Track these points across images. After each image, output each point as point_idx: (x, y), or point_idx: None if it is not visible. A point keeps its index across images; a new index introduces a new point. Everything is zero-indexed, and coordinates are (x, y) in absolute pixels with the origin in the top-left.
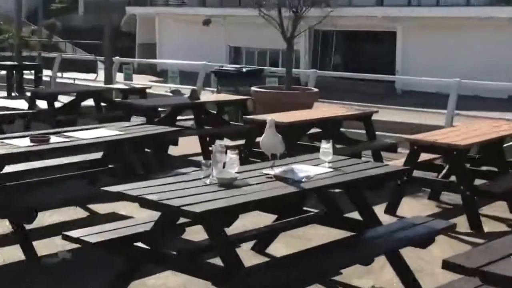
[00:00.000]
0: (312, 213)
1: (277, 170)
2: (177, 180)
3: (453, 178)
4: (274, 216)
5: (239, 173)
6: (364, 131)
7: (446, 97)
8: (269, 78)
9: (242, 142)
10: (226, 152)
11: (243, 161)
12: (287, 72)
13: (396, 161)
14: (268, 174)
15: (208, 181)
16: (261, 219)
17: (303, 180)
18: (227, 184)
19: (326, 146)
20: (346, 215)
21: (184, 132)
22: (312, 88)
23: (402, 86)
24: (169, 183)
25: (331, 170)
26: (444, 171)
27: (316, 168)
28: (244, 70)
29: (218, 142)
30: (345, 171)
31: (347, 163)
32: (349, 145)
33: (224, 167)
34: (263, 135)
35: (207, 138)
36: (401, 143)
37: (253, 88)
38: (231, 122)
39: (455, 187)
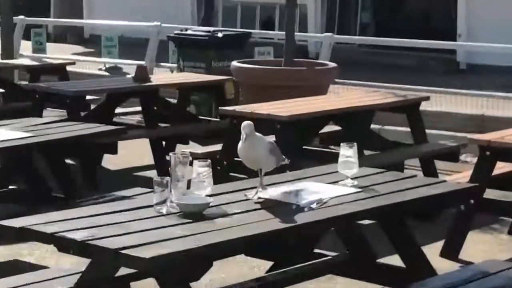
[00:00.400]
0: (328, 257)
1: (272, 192)
2: (115, 209)
3: None
4: (269, 263)
5: (213, 196)
6: (407, 129)
7: None
8: (260, 48)
9: (217, 148)
10: (191, 164)
11: (219, 177)
12: (287, 37)
13: (458, 175)
14: (258, 198)
15: (164, 210)
16: (249, 269)
17: (312, 206)
18: (195, 214)
19: (348, 153)
20: (381, 260)
21: (126, 133)
22: (327, 63)
23: (467, 58)
24: (103, 213)
25: (356, 190)
26: None
27: (333, 188)
28: (220, 35)
29: (180, 149)
30: (378, 192)
31: (381, 179)
32: (384, 151)
33: (189, 187)
34: (240, 143)
35: (163, 143)
36: (465, 146)
37: (234, 64)
38: (200, 117)
39: None
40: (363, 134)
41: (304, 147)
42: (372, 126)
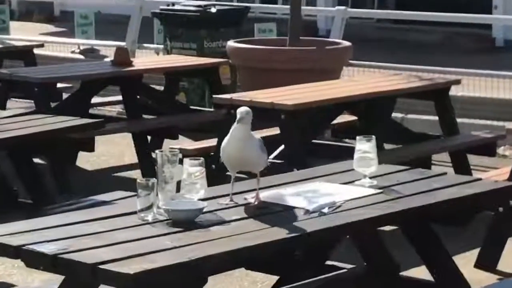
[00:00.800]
0: (343, 270)
1: (276, 195)
2: (93, 216)
3: None
4: (273, 278)
5: (207, 200)
6: (435, 118)
7: None
8: (261, 25)
9: (211, 143)
10: (181, 163)
11: (214, 177)
12: (293, 12)
13: (495, 172)
14: (259, 202)
15: (150, 217)
16: (251, 284)
17: (324, 211)
18: (186, 222)
19: (365, 148)
20: (405, 273)
21: (105, 126)
22: (339, 41)
23: (505, 34)
24: (78, 222)
25: (375, 191)
26: None
27: (348, 189)
28: (213, 10)
29: (168, 145)
30: (401, 193)
31: (405, 178)
32: (408, 144)
33: (178, 190)
34: (226, 137)
35: (148, 137)
36: (503, 138)
37: (231, 44)
38: (191, 107)
39: None
40: (383, 124)
41: (313, 141)
42: (394, 115)
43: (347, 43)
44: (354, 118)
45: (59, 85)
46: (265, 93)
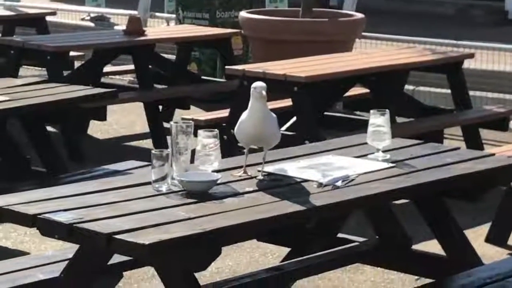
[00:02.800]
0: (355, 243)
1: (289, 167)
2: (107, 186)
3: None
4: (285, 250)
5: (221, 171)
6: (446, 91)
7: None
8: None
9: (224, 113)
10: (195, 134)
11: (226, 148)
12: None
13: (507, 147)
14: (272, 174)
15: (164, 188)
16: (261, 256)
17: (337, 184)
18: (200, 193)
19: (379, 122)
20: (416, 246)
21: (117, 96)
22: (352, 13)
23: None
24: (93, 192)
25: (388, 165)
26: None
27: (361, 163)
28: None
29: (180, 114)
30: (414, 167)
31: (417, 152)
32: (420, 118)
33: (192, 161)
34: (244, 113)
35: (160, 107)
36: None
37: (243, 14)
38: (203, 78)
39: None
40: (395, 98)
41: (325, 113)
42: (405, 87)
43: (360, 15)
44: (366, 90)
45: (71, 53)
46: (277, 65)
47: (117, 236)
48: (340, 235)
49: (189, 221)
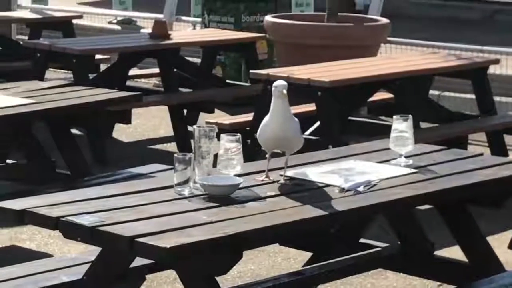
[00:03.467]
0: (377, 249)
1: (311, 172)
2: (130, 189)
3: None
4: (307, 254)
5: (243, 175)
6: (470, 96)
7: None
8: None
9: (248, 117)
10: (218, 138)
11: (249, 152)
12: None
13: None
14: (294, 179)
15: (186, 191)
16: (283, 260)
17: (359, 189)
18: (222, 197)
19: (401, 127)
20: (439, 252)
21: (142, 99)
22: (378, 18)
23: None
24: (116, 195)
25: (411, 171)
26: None
27: (384, 168)
28: None
29: (204, 118)
30: (437, 173)
31: (441, 158)
32: (444, 124)
33: (215, 165)
34: (266, 117)
35: (184, 111)
36: None
37: (268, 18)
38: (228, 81)
39: None
40: (419, 103)
41: (349, 118)
42: (430, 92)
43: (385, 20)
44: (390, 95)
45: (96, 56)
46: (301, 69)
47: (139, 239)
48: (362, 240)
49: (211, 225)
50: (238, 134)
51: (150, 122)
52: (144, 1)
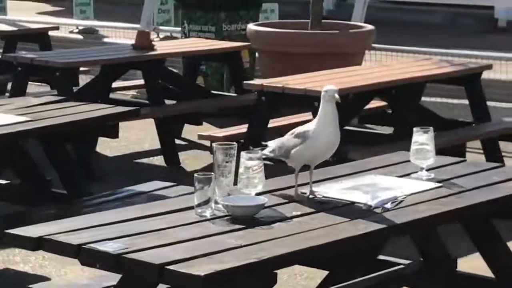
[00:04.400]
0: (399, 266)
1: (333, 189)
2: (149, 212)
3: None
4: (311, 271)
5: (264, 194)
6: (457, 101)
7: None
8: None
9: (240, 129)
10: (238, 156)
11: None
12: None
13: None
14: (317, 196)
15: (208, 213)
16: (290, 277)
17: (387, 206)
18: (246, 218)
19: (422, 139)
20: (462, 269)
21: (139, 113)
22: (362, 24)
23: (508, 14)
24: (135, 218)
25: (436, 185)
26: None
27: (407, 182)
28: None
29: (190, 131)
30: (462, 187)
31: (461, 171)
32: (440, 131)
33: (235, 183)
34: (314, 122)
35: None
36: None
37: (251, 27)
38: (212, 92)
39: None
40: (414, 111)
41: (344, 127)
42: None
43: (370, 26)
44: (380, 104)
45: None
46: (296, 79)
47: (170, 267)
48: (381, 257)
49: (241, 249)
50: (260, 151)
51: (133, 135)
52: (105, 10)
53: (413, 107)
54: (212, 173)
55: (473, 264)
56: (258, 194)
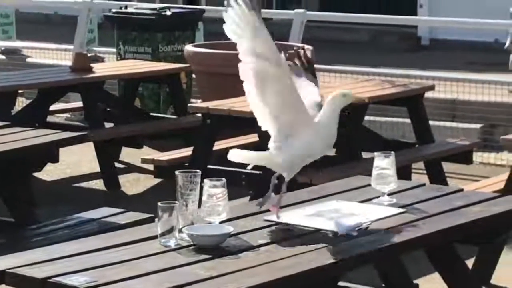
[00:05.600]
0: None
1: (297, 215)
2: (112, 242)
3: None
4: None
5: (228, 222)
6: (404, 120)
7: None
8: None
9: (184, 153)
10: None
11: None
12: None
13: (486, 182)
14: (282, 223)
15: (172, 242)
16: None
17: (353, 233)
18: (212, 247)
19: (383, 164)
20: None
21: (87, 138)
22: (300, 45)
23: (431, 33)
24: (99, 249)
25: (399, 210)
26: None
27: (370, 208)
28: (168, 13)
29: (129, 153)
30: (426, 212)
31: (423, 195)
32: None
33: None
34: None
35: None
36: (478, 145)
37: (189, 48)
38: (151, 114)
39: None
40: (360, 132)
41: None
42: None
43: (308, 47)
44: None
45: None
46: (242, 101)
47: None
48: (341, 283)
49: (211, 281)
50: (223, 178)
51: (70, 158)
52: (27, 31)
53: (358, 129)
54: (176, 201)
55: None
56: (222, 222)
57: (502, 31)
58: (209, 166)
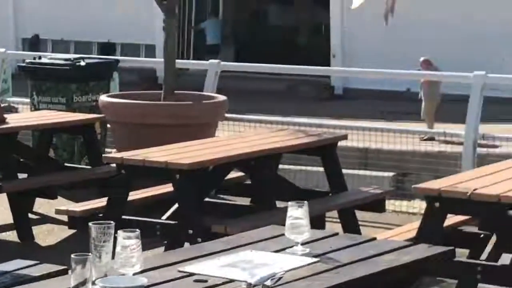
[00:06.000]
0: None
1: (210, 266)
2: None
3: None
4: None
5: (143, 273)
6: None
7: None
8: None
9: (98, 204)
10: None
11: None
12: (167, 65)
13: (398, 230)
14: (195, 274)
15: None
16: None
17: (267, 283)
18: None
19: (297, 213)
20: None
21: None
22: (215, 95)
23: (344, 82)
24: None
25: (312, 260)
26: (490, 246)
27: (283, 257)
28: (82, 63)
29: (41, 205)
30: (339, 261)
31: (336, 244)
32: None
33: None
34: None
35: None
36: (389, 193)
37: (103, 98)
38: (66, 165)
39: None
40: (273, 182)
41: (205, 199)
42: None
43: (222, 97)
44: (237, 175)
45: None
46: (156, 152)
47: None
48: None
49: None
50: (137, 230)
51: None
52: None
53: (271, 178)
54: (90, 253)
55: None
56: (135, 273)
57: (413, 80)
58: (123, 217)
